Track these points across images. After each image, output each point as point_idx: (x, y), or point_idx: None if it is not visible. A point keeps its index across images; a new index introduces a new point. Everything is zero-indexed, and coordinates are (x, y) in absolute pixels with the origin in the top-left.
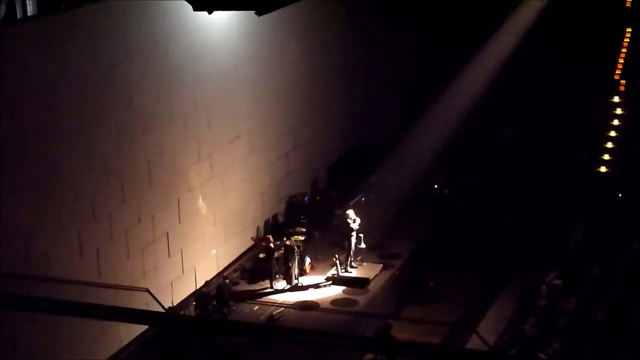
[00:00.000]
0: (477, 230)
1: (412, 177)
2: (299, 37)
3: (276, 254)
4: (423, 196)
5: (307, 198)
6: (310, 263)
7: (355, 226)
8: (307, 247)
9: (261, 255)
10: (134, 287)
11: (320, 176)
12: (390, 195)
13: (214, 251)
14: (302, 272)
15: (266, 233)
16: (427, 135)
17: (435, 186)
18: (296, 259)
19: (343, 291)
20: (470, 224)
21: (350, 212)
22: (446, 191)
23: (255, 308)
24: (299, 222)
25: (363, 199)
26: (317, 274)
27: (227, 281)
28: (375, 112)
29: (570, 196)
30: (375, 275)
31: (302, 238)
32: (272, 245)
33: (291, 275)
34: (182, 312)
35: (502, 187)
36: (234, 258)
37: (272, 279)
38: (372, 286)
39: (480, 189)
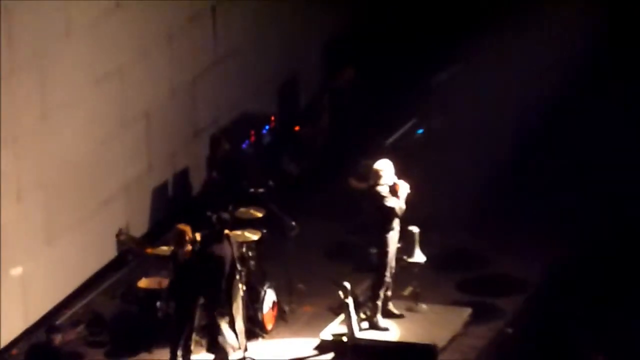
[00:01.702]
0: None
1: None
2: None
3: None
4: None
5: (268, 128)
6: (276, 303)
7: (396, 204)
8: (265, 261)
9: (143, 284)
10: None
11: (306, 66)
12: (485, 131)
13: (17, 270)
14: (258, 327)
15: (161, 221)
16: None
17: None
18: (239, 293)
19: None
20: None
21: (384, 166)
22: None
23: None
24: (244, 194)
25: (420, 131)
26: (294, 334)
27: (54, 341)
28: None
29: None
30: (454, 337)
31: (254, 237)
32: (187, 248)
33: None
34: None
35: None
36: (72, 289)
37: (175, 343)
38: None
39: None
